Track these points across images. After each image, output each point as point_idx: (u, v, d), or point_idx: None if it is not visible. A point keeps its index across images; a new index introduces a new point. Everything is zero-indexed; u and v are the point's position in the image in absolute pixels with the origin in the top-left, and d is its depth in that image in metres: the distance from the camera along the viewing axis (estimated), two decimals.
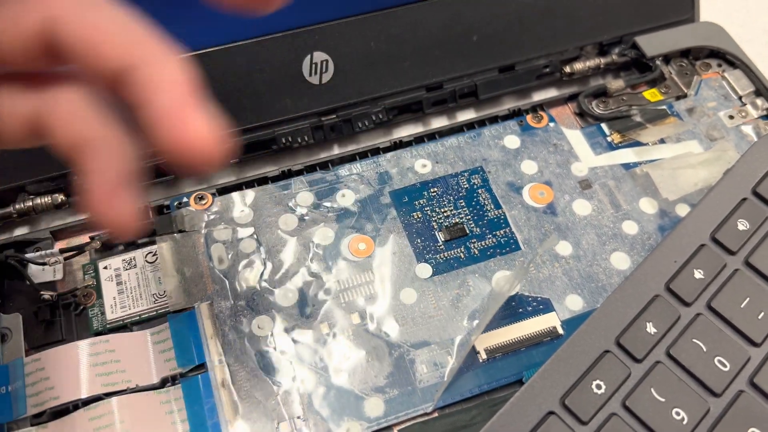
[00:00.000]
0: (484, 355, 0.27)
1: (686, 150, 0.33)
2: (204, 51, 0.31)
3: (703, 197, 0.29)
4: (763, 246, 0.28)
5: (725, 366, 0.25)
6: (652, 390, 0.25)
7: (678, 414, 0.24)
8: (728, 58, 0.36)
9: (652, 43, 0.36)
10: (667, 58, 0.36)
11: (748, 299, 0.27)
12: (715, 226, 0.28)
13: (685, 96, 0.35)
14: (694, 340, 0.26)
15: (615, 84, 0.35)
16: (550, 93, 0.36)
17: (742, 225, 0.28)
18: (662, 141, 0.33)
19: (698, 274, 0.27)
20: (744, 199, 0.29)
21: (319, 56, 0.32)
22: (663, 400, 0.25)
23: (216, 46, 0.31)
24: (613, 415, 0.24)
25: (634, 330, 0.26)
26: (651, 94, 0.35)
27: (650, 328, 0.26)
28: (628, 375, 0.25)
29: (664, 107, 0.34)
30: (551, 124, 0.34)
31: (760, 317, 0.26)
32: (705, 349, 0.26)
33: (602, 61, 0.36)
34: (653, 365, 0.25)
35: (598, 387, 0.25)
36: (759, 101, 0.35)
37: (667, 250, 0.28)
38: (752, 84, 0.35)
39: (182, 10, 0.30)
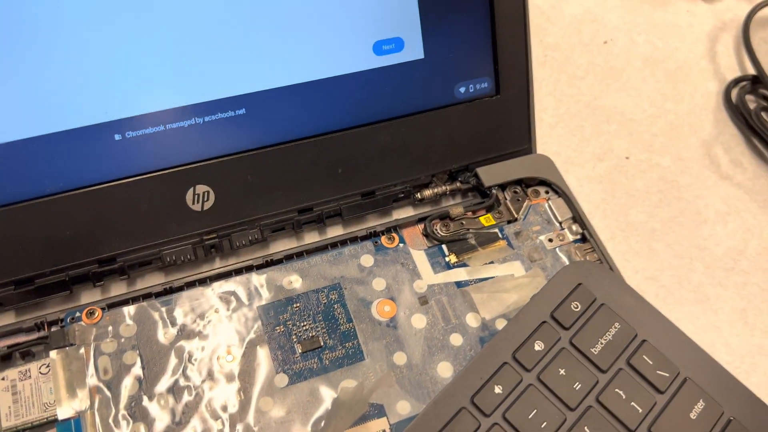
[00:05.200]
0: None
1: (510, 270, 0.40)
2: (102, 185, 0.36)
3: (509, 322, 0.36)
4: (553, 364, 0.35)
5: None
6: None
7: None
8: (553, 187, 0.43)
9: (490, 174, 0.42)
10: (503, 186, 0.43)
11: (535, 411, 0.33)
12: (516, 347, 0.35)
13: (515, 220, 0.42)
14: None
15: (456, 209, 0.41)
16: (408, 212, 0.43)
17: (539, 345, 0.35)
18: (491, 262, 0.40)
19: (498, 389, 0.34)
20: (543, 322, 0.36)
21: (201, 188, 0.38)
22: None
23: (112, 181, 0.36)
24: None
25: None
26: (486, 219, 0.42)
27: None
28: None
29: (495, 230, 0.41)
30: (401, 245, 0.40)
31: (542, 426, 0.33)
32: None
33: (448, 187, 0.42)
34: None
35: None
36: (574, 227, 0.42)
37: (475, 368, 0.34)
38: (570, 211, 0.42)
39: (85, 148, 0.35)
